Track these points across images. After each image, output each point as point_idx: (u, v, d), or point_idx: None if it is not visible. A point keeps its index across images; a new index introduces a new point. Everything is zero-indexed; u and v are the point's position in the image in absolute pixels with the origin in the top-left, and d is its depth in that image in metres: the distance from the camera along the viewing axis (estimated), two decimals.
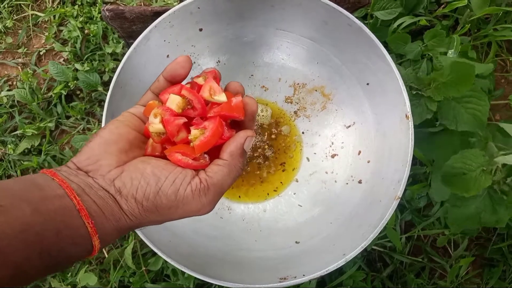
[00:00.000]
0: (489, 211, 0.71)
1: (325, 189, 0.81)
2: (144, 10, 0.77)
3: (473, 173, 0.67)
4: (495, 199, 0.71)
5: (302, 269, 0.64)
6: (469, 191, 0.67)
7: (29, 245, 0.31)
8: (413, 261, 0.91)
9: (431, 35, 0.84)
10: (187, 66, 0.45)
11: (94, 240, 0.36)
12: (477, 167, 0.67)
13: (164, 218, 0.39)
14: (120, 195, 0.38)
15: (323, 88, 0.83)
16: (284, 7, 0.73)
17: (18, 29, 1.07)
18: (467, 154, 0.68)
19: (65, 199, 0.35)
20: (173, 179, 0.39)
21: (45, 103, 1.01)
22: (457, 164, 0.68)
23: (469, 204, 0.72)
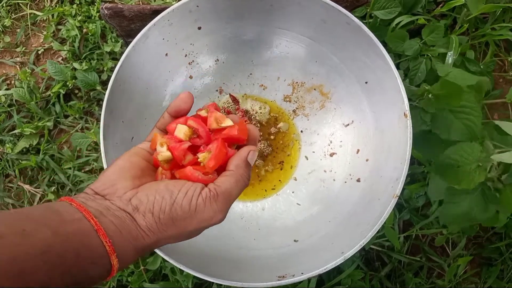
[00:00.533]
0: (481, 208, 0.71)
1: (323, 187, 0.81)
2: (143, 8, 0.77)
3: (467, 167, 0.67)
4: (488, 197, 0.70)
5: (300, 268, 0.64)
6: (461, 184, 0.66)
7: (51, 265, 0.33)
8: (411, 260, 0.91)
9: (429, 31, 0.84)
10: (189, 101, 0.48)
11: (113, 259, 0.37)
12: (473, 162, 0.67)
13: (180, 230, 0.41)
14: (137, 212, 0.40)
15: (322, 87, 0.83)
16: (283, 6, 0.73)
17: (17, 28, 1.07)
18: (465, 147, 0.68)
19: (83, 222, 0.37)
20: (185, 191, 0.41)
21: (44, 102, 1.01)
22: (454, 156, 0.68)
23: (462, 201, 0.71)
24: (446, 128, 0.73)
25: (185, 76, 0.83)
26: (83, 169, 0.98)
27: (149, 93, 0.79)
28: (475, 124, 0.70)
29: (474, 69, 0.88)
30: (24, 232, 0.32)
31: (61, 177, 0.96)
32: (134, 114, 0.76)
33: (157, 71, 0.78)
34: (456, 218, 0.72)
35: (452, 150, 0.68)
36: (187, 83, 0.83)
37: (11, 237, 0.32)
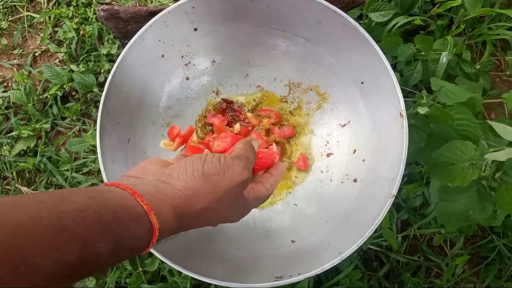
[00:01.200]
0: (478, 208, 0.71)
1: (320, 188, 0.81)
2: (139, 10, 0.77)
3: (461, 164, 0.67)
4: (484, 196, 0.70)
5: (297, 268, 0.64)
6: (454, 181, 0.66)
7: (90, 221, 0.34)
8: (410, 260, 0.91)
9: (420, 40, 0.85)
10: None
11: (151, 216, 0.39)
12: (466, 160, 0.67)
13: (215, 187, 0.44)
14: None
15: (318, 87, 0.83)
16: (279, 7, 0.73)
17: (13, 30, 1.07)
18: (459, 145, 0.68)
19: (117, 190, 0.39)
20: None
21: (41, 104, 1.01)
22: (447, 153, 0.68)
23: (457, 199, 0.71)
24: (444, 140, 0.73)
25: (181, 77, 0.83)
26: (80, 171, 0.98)
27: (145, 95, 0.79)
28: (473, 134, 0.71)
29: (469, 70, 0.88)
30: (62, 197, 0.34)
31: (59, 179, 0.96)
32: (131, 116, 0.76)
33: (154, 73, 0.78)
34: (452, 217, 0.71)
35: (445, 148, 0.68)
36: (184, 84, 0.83)
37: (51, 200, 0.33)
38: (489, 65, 0.93)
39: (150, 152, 0.80)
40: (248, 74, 0.86)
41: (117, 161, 0.71)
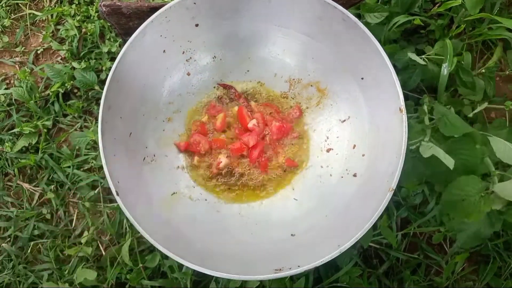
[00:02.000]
0: (488, 226, 0.76)
1: (320, 183, 0.81)
2: (141, 5, 0.78)
3: (472, 198, 0.70)
4: (493, 217, 0.75)
5: (297, 261, 0.65)
6: (470, 217, 0.70)
7: None
8: (409, 258, 0.92)
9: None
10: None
11: None
12: (475, 193, 0.69)
13: None
14: None
15: (318, 83, 0.84)
16: (280, 3, 0.74)
17: (16, 28, 1.08)
18: (464, 181, 0.71)
19: None
20: None
21: (43, 102, 1.02)
22: (456, 191, 0.71)
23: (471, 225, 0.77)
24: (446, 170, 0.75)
25: (182, 72, 0.83)
26: (82, 167, 0.98)
27: (146, 90, 0.79)
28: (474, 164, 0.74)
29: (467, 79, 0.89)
30: None
31: (60, 176, 0.97)
32: (132, 110, 0.76)
33: (155, 68, 0.79)
34: (470, 240, 0.78)
35: (453, 186, 0.71)
36: (185, 79, 0.84)
37: None
38: (494, 70, 0.94)
39: (151, 147, 0.80)
40: (249, 70, 0.86)
41: (118, 155, 0.72)
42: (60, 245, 0.94)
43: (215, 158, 0.83)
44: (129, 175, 0.72)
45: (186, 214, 0.78)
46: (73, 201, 0.98)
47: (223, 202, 0.81)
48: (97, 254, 0.94)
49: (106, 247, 0.94)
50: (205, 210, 0.80)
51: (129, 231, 0.92)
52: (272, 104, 0.85)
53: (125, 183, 0.69)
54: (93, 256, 0.93)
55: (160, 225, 0.72)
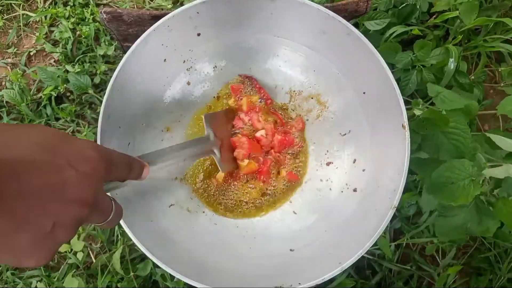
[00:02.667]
0: (476, 222, 0.72)
1: (320, 197, 0.80)
2: (142, 13, 0.77)
3: (461, 182, 0.68)
4: (482, 210, 0.71)
5: (297, 278, 0.64)
6: (457, 200, 0.67)
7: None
8: (402, 269, 0.92)
9: (420, 46, 0.86)
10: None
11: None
12: (465, 177, 0.68)
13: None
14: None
15: (319, 96, 0.83)
16: (282, 15, 0.73)
17: (9, 28, 1.06)
18: (456, 164, 0.68)
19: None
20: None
21: (35, 104, 1.00)
22: (446, 173, 0.69)
23: (456, 214, 0.73)
24: (435, 148, 0.74)
25: (183, 82, 0.82)
26: None
27: (147, 99, 0.78)
28: (464, 145, 0.72)
29: (463, 81, 0.89)
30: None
31: None
32: (131, 120, 0.75)
33: (156, 77, 0.78)
34: (452, 231, 0.73)
35: (443, 168, 0.69)
36: (185, 89, 0.83)
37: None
38: (482, 76, 0.95)
39: None
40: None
41: None
42: None
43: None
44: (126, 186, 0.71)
45: (183, 226, 0.77)
46: None
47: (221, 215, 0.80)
48: (87, 261, 0.93)
49: (96, 255, 0.93)
50: (202, 223, 0.79)
51: (120, 239, 0.90)
52: (277, 112, 0.85)
53: (121, 194, 0.68)
54: (83, 263, 0.92)
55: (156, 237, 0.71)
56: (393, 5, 0.96)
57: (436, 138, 0.74)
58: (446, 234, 0.74)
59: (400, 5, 0.94)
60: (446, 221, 0.73)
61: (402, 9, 0.94)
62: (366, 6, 0.80)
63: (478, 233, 0.73)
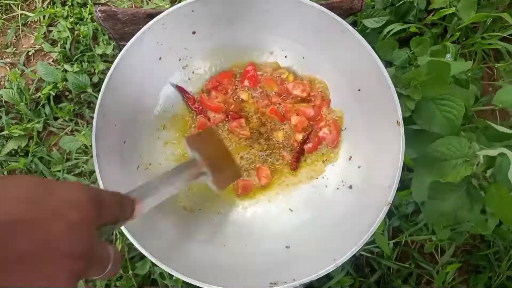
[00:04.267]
0: (466, 208, 0.70)
1: (315, 194, 0.80)
2: (137, 12, 0.77)
3: (454, 161, 0.67)
4: (473, 195, 0.69)
5: (292, 274, 0.64)
6: (446, 177, 0.67)
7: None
8: (401, 267, 0.92)
9: (417, 43, 0.85)
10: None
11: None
12: (460, 156, 0.67)
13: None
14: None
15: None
16: (278, 13, 0.74)
17: (7, 28, 1.06)
18: (453, 141, 0.67)
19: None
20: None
21: (33, 104, 1.00)
22: (441, 148, 0.68)
23: (446, 198, 0.71)
24: (427, 119, 0.73)
25: (178, 80, 0.82)
26: (72, 172, 0.97)
27: (142, 97, 0.78)
28: (456, 118, 0.71)
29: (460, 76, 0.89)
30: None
31: None
32: (127, 118, 0.76)
33: (151, 75, 0.78)
34: (441, 216, 0.71)
35: (439, 143, 0.68)
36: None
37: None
38: (479, 73, 0.94)
39: (145, 155, 0.79)
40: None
41: (112, 164, 0.71)
42: None
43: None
44: (122, 184, 0.71)
45: (179, 223, 0.77)
46: None
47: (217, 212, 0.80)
48: None
49: None
50: (198, 220, 0.79)
51: (119, 237, 0.91)
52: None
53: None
54: None
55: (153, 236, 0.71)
56: (390, 2, 0.96)
57: (428, 109, 0.73)
58: (435, 219, 0.72)
59: (398, 3, 0.94)
60: (436, 205, 0.71)
61: (400, 6, 0.94)
62: (361, 4, 0.80)
63: (467, 220, 0.71)
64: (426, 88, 0.72)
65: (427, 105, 0.73)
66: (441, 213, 0.71)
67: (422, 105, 0.74)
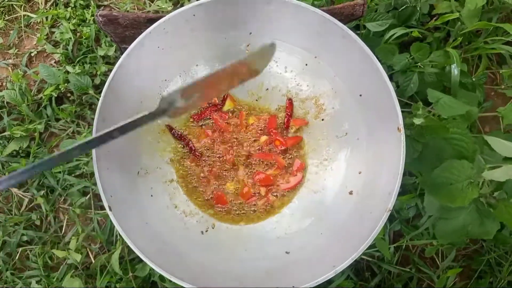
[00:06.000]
0: (477, 224, 0.72)
1: (316, 199, 0.80)
2: (138, 16, 0.77)
3: (459, 184, 0.68)
4: (483, 212, 0.71)
5: (291, 280, 0.64)
6: (454, 202, 0.67)
7: None
8: (401, 271, 0.92)
9: (417, 48, 0.85)
10: None
11: None
12: (464, 179, 0.67)
13: None
14: None
15: (316, 98, 0.83)
16: (279, 17, 0.74)
17: (10, 29, 1.06)
18: (455, 165, 0.68)
19: None
20: None
21: (35, 105, 1.00)
22: (444, 174, 0.68)
23: (456, 216, 0.72)
24: (437, 154, 0.74)
25: (179, 84, 0.83)
26: (73, 173, 0.97)
27: (142, 101, 0.78)
28: (466, 149, 0.71)
29: (465, 80, 0.89)
30: None
31: (51, 181, 0.95)
32: None
33: (151, 79, 0.78)
34: (452, 233, 0.73)
35: (442, 168, 0.69)
36: None
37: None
38: (483, 78, 0.94)
39: (145, 159, 0.79)
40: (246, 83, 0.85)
41: (111, 168, 0.71)
42: (49, 251, 0.93)
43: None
44: (122, 188, 0.71)
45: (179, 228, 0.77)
46: (63, 207, 0.97)
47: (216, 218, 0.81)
48: (86, 262, 0.93)
49: (95, 255, 0.93)
50: (198, 225, 0.79)
51: (119, 239, 0.91)
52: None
53: (118, 197, 0.68)
54: (82, 263, 0.92)
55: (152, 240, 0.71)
56: (393, 7, 0.96)
57: (437, 143, 0.73)
58: (447, 237, 0.73)
59: (401, 7, 0.94)
60: (447, 224, 0.72)
61: (402, 11, 0.94)
62: (363, 10, 0.80)
63: (479, 235, 0.72)
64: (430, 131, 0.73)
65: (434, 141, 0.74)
66: (453, 230, 0.73)
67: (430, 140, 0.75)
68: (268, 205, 0.82)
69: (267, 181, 0.83)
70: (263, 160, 0.84)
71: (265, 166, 0.84)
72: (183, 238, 0.76)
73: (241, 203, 0.82)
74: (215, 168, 0.84)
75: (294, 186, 0.83)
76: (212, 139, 0.84)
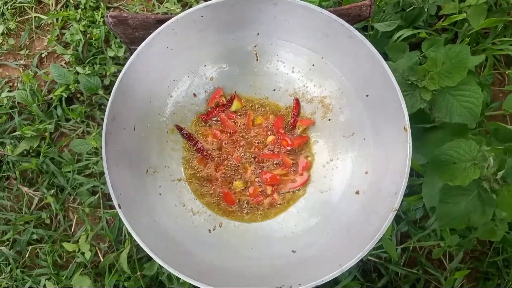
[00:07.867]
0: (479, 212, 0.71)
1: (322, 198, 0.81)
2: (147, 17, 0.78)
3: (463, 164, 0.67)
4: (485, 199, 0.70)
5: (298, 279, 0.64)
6: (454, 180, 0.67)
7: None
8: (408, 273, 0.91)
9: (429, 44, 0.85)
10: None
11: None
12: (468, 159, 0.67)
13: None
14: None
15: (323, 98, 0.84)
16: (286, 18, 0.74)
17: (21, 31, 1.08)
18: (462, 144, 0.68)
19: None
20: None
21: (45, 105, 1.02)
22: (450, 152, 0.68)
23: (458, 202, 0.71)
24: (447, 111, 0.73)
25: (187, 85, 0.83)
26: (82, 172, 0.98)
27: (151, 101, 0.79)
28: (475, 106, 0.71)
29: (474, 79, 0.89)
30: None
31: (61, 180, 0.97)
32: (136, 122, 0.76)
33: (160, 79, 0.79)
34: (454, 219, 0.72)
35: (449, 146, 0.68)
36: (189, 91, 0.84)
37: None
38: (489, 78, 0.94)
39: (154, 158, 0.80)
40: (253, 84, 0.86)
41: (121, 167, 0.71)
42: (59, 250, 0.94)
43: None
44: (131, 187, 0.72)
45: (187, 226, 0.77)
46: (72, 206, 0.98)
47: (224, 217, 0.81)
48: (95, 260, 0.94)
49: (104, 254, 0.94)
50: (206, 223, 0.80)
51: (128, 238, 0.91)
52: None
53: (127, 196, 0.69)
54: (91, 262, 0.93)
55: (160, 238, 0.72)
56: (401, 8, 0.96)
57: (446, 101, 0.73)
58: (447, 221, 0.72)
59: (408, 8, 0.94)
60: (448, 208, 0.72)
61: (410, 12, 0.94)
62: (369, 11, 0.80)
63: (480, 224, 0.71)
64: (443, 78, 0.71)
65: (444, 97, 0.73)
66: (454, 217, 0.72)
67: (439, 98, 0.74)
68: (275, 204, 0.83)
69: (274, 180, 0.83)
70: (270, 159, 0.84)
71: (272, 166, 0.84)
72: (191, 236, 0.76)
73: (248, 202, 0.83)
74: (223, 168, 0.84)
75: (301, 185, 0.83)
76: (219, 139, 0.85)
